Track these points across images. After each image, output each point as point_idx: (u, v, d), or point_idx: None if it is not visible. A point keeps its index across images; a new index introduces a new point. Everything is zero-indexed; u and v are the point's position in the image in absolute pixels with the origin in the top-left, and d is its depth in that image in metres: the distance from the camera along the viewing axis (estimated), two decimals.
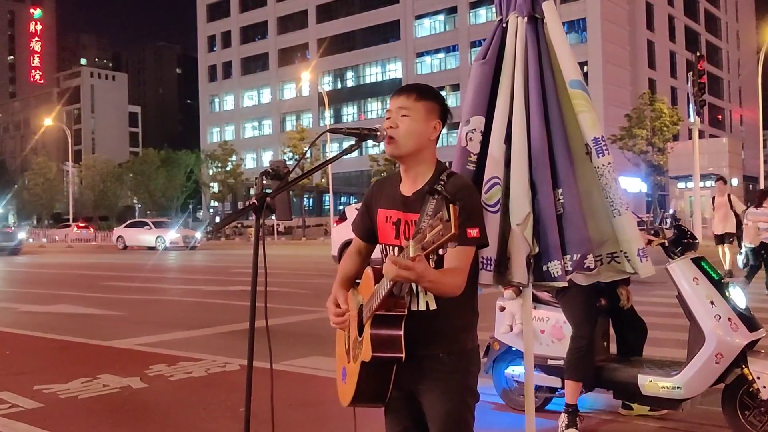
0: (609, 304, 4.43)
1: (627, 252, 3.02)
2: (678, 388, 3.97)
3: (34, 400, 5.13)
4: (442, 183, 2.21)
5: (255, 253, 2.25)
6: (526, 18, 3.10)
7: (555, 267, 2.92)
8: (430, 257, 2.05)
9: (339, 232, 17.27)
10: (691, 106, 25.51)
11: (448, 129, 2.45)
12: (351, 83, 72.46)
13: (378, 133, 2.29)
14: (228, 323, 9.24)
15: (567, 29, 58.32)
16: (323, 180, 54.14)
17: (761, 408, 3.83)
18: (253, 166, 73.43)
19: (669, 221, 4.43)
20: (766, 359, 3.94)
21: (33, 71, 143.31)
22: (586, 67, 55.40)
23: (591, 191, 3.04)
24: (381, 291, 2.06)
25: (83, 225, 54.40)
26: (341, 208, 49.83)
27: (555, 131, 3.03)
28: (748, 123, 78.61)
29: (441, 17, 66.66)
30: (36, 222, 79.91)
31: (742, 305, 4.00)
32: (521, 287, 3.09)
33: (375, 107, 69.36)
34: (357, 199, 60.18)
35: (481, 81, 3.12)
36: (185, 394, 5.36)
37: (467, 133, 3.07)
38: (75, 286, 15.46)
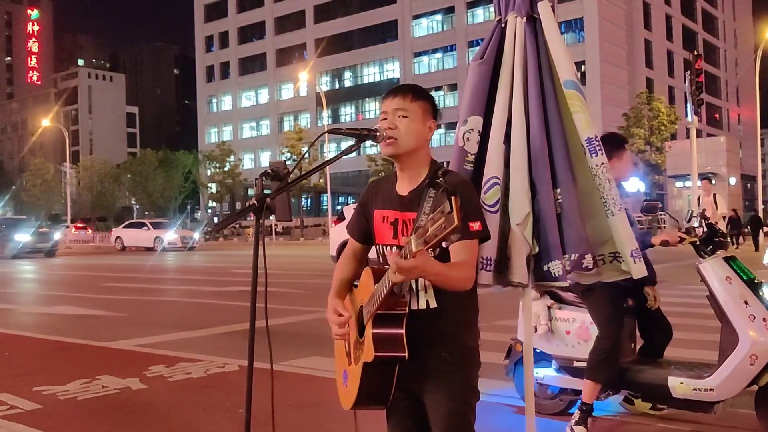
0: (636, 304, 4.32)
1: (621, 252, 3.02)
2: (710, 390, 3.87)
3: (33, 401, 5.12)
4: (438, 180, 2.23)
5: (255, 254, 2.25)
6: (524, 18, 3.10)
7: (556, 267, 2.92)
8: (434, 251, 2.04)
9: (337, 232, 17.27)
10: (689, 105, 25.52)
11: (446, 129, 2.45)
12: (349, 83, 72.46)
13: (377, 134, 2.30)
14: (227, 324, 9.23)
15: (564, 29, 58.38)
16: (321, 180, 54.17)
17: None
18: (251, 166, 73.42)
19: (698, 220, 4.32)
20: None
21: (30, 72, 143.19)
22: (583, 67, 55.45)
23: (591, 191, 3.04)
24: (381, 290, 2.06)
25: (81, 226, 54.41)
26: (339, 208, 49.86)
27: (554, 131, 3.03)
28: (745, 122, 78.72)
29: (438, 17, 66.69)
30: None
31: None
32: (522, 287, 3.08)
33: (373, 107, 69.33)
34: (355, 200, 60.11)
35: (479, 81, 3.12)
36: (184, 395, 5.35)
37: (464, 133, 3.07)
38: (74, 287, 15.45)
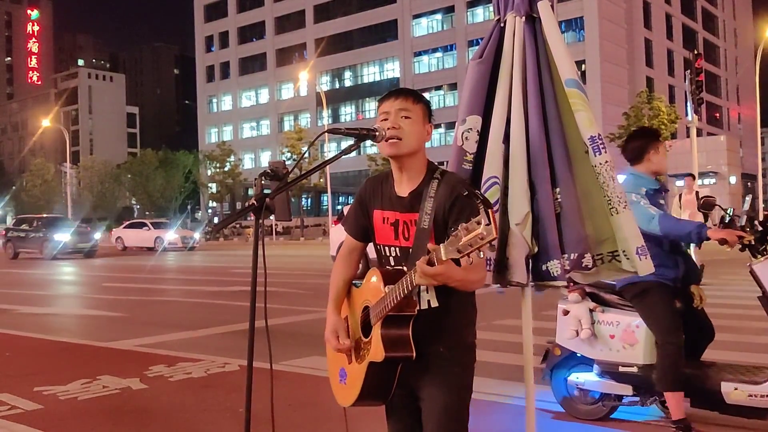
0: (683, 305, 4.17)
1: (626, 250, 3.01)
2: (767, 396, 3.75)
3: (33, 401, 5.13)
4: (437, 180, 2.27)
5: (254, 254, 2.26)
6: (523, 17, 3.10)
7: (554, 266, 2.92)
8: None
9: (337, 232, 17.25)
10: (689, 104, 25.45)
11: (446, 128, 2.46)
12: (349, 83, 72.45)
13: (377, 134, 2.31)
14: (227, 324, 9.23)
15: (564, 28, 58.37)
16: (321, 180, 54.15)
17: None
18: (252, 166, 73.42)
19: (743, 219, 4.15)
20: None
21: (30, 72, 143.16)
22: (583, 66, 55.43)
23: (590, 190, 3.04)
24: (398, 293, 2.10)
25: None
26: (339, 208, 49.91)
27: (553, 130, 3.03)
28: (745, 121, 78.70)
29: (438, 16, 66.66)
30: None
31: None
32: (521, 287, 3.07)
33: (373, 107, 69.26)
34: (355, 196, 60.08)
35: (478, 80, 3.12)
36: (185, 394, 5.36)
37: (463, 133, 3.08)
38: (75, 287, 15.45)
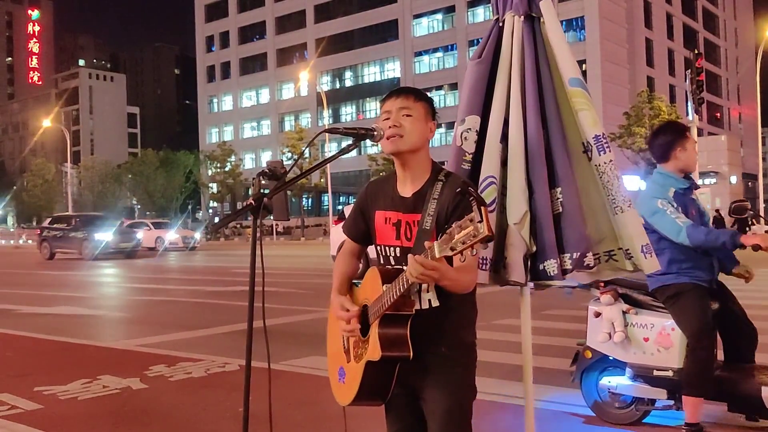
0: (719, 308, 4.05)
1: (630, 249, 3.00)
2: None
3: (33, 401, 5.14)
4: (442, 182, 2.26)
5: (253, 254, 2.27)
6: (522, 17, 3.10)
7: (551, 265, 2.92)
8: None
9: (338, 232, 17.27)
10: (690, 103, 25.56)
11: (446, 128, 2.47)
12: (349, 83, 72.45)
13: (375, 133, 2.32)
14: (227, 324, 9.24)
15: (565, 28, 58.32)
16: (322, 180, 54.18)
17: None
18: (252, 166, 73.40)
19: None
20: None
21: (31, 72, 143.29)
22: (584, 66, 55.38)
23: (588, 190, 3.04)
24: (395, 291, 2.09)
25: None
26: (340, 207, 49.85)
27: (553, 130, 3.02)
28: (746, 120, 78.66)
29: (439, 16, 66.65)
30: (35, 223, 79.85)
31: None
32: (520, 286, 3.07)
33: (373, 107, 69.29)
34: (356, 199, 60.11)
35: (477, 80, 3.12)
36: (185, 394, 5.36)
37: (462, 133, 3.08)
38: (75, 287, 15.46)
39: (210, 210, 78.15)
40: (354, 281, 2.47)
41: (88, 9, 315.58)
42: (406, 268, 2.05)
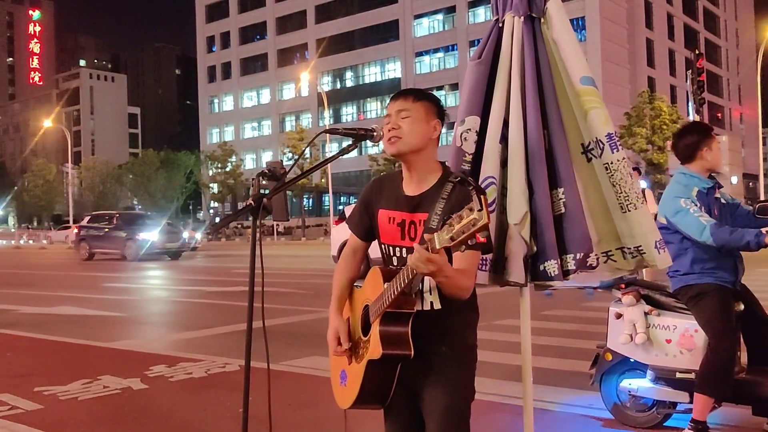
0: (744, 309, 3.97)
1: (643, 245, 3.00)
2: None
3: (34, 401, 5.14)
4: (452, 184, 2.24)
5: (252, 254, 2.27)
6: (522, 17, 3.09)
7: (551, 266, 2.92)
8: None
9: (338, 232, 17.27)
10: (691, 104, 25.57)
11: (446, 129, 2.47)
12: (350, 83, 72.47)
13: (374, 134, 2.32)
14: (228, 324, 9.24)
15: None
16: (323, 180, 54.19)
17: None
18: (253, 166, 73.43)
19: None
20: None
21: (32, 73, 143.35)
22: None
23: (587, 190, 3.04)
24: (394, 288, 2.10)
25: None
26: (341, 208, 49.83)
27: (554, 131, 3.02)
28: (747, 121, 78.63)
29: (440, 17, 66.66)
30: (36, 224, 79.93)
31: None
32: (520, 287, 3.07)
33: (374, 107, 69.33)
34: (356, 199, 60.12)
35: (477, 81, 3.12)
36: (185, 394, 5.37)
37: (462, 133, 3.07)
38: (75, 287, 15.46)
39: (211, 210, 78.15)
40: (356, 284, 2.46)
41: (88, 9, 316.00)
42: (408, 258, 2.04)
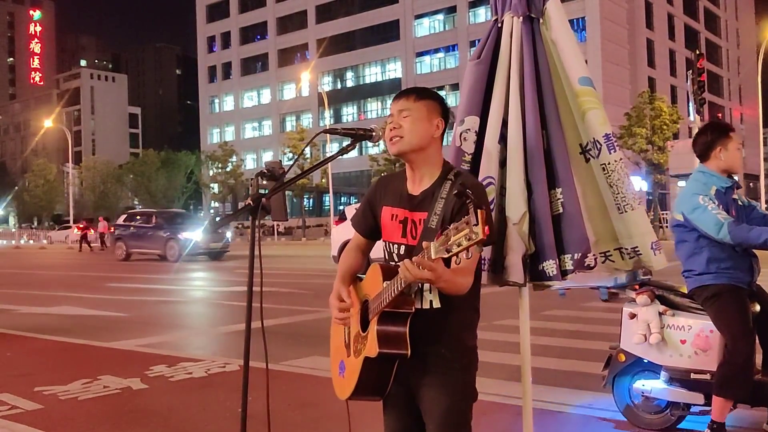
0: (759, 310, 3.91)
1: (640, 246, 3.01)
2: None
3: (34, 401, 5.15)
4: (450, 181, 2.25)
5: (251, 254, 2.27)
6: (521, 18, 3.10)
7: (550, 266, 2.93)
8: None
9: (339, 232, 17.29)
10: (691, 104, 25.58)
11: (447, 128, 2.47)
12: (351, 83, 72.45)
13: (373, 134, 2.32)
14: (228, 324, 9.25)
15: None
16: (323, 180, 54.17)
17: None
18: (254, 166, 73.40)
19: None
20: None
21: (33, 73, 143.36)
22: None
23: (585, 191, 3.05)
24: (393, 288, 2.09)
25: (83, 226, 54.32)
26: (341, 208, 49.83)
27: (552, 131, 3.03)
28: (748, 121, 78.52)
29: (440, 17, 66.64)
30: (36, 224, 79.96)
31: None
32: (519, 287, 3.07)
33: (375, 107, 69.32)
34: (357, 199, 60.16)
35: (476, 81, 3.13)
36: (185, 394, 5.37)
37: (461, 133, 3.08)
38: (76, 287, 15.47)
39: (211, 210, 78.14)
40: (359, 275, 2.47)
41: (89, 9, 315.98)
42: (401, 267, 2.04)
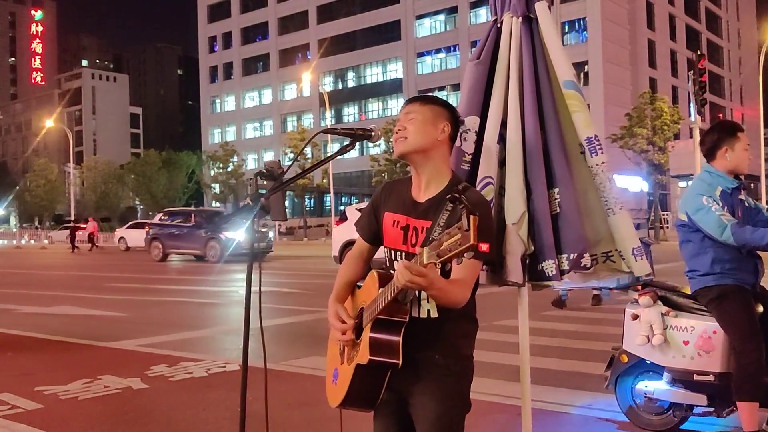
0: (763, 311, 3.90)
1: (621, 251, 3.02)
2: None
3: (34, 401, 5.15)
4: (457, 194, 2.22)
5: (251, 254, 2.27)
6: (520, 18, 3.11)
7: (549, 266, 2.93)
8: (437, 265, 2.04)
9: (340, 232, 17.28)
10: (692, 104, 25.51)
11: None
12: (352, 83, 72.46)
13: (372, 134, 2.32)
14: (228, 324, 9.26)
15: (567, 29, 58.38)
16: (324, 180, 54.18)
17: None
18: (255, 166, 73.42)
19: None
20: None
21: (34, 73, 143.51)
22: (586, 67, 55.35)
23: (586, 190, 3.05)
24: (386, 295, 2.05)
25: (85, 226, 54.36)
26: (342, 208, 49.88)
27: (551, 131, 3.03)
28: (749, 121, 78.44)
29: (441, 17, 66.65)
30: (38, 223, 80.00)
31: None
32: (518, 286, 3.08)
33: (376, 107, 69.34)
34: (358, 200, 60.21)
35: (476, 81, 3.13)
36: (186, 394, 5.37)
37: (461, 133, 3.08)
38: (77, 287, 15.48)
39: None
40: (358, 284, 2.44)
41: (90, 9, 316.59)
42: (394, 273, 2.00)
